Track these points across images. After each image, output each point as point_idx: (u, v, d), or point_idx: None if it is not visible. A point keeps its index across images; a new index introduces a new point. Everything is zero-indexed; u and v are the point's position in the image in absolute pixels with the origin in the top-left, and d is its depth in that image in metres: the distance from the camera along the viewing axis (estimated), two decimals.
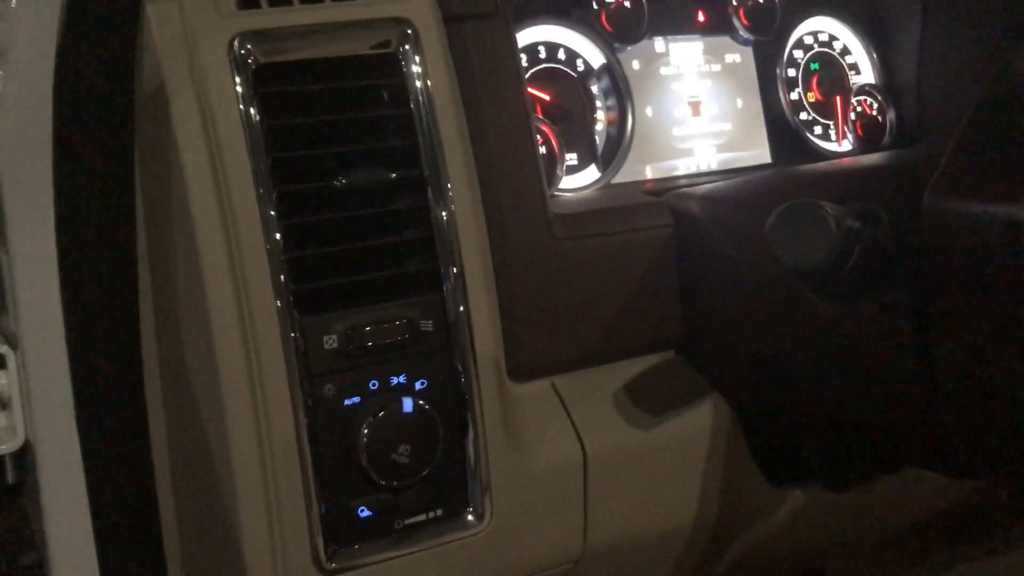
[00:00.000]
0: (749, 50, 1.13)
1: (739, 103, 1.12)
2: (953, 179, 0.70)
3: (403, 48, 0.78)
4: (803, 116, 1.15)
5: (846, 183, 0.91)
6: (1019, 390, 0.67)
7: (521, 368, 0.84)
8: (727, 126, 1.11)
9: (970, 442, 0.75)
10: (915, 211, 0.71)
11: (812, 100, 1.17)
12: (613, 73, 1.03)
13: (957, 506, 1.17)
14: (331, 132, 0.76)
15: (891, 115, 1.18)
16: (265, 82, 0.74)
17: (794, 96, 1.15)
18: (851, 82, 1.19)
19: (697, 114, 1.09)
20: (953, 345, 0.71)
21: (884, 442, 0.86)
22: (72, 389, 0.80)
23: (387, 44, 0.78)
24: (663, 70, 1.08)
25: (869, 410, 0.80)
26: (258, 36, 0.74)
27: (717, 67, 1.11)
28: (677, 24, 1.09)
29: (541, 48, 1.01)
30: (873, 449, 0.88)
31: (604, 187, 1.02)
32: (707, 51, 1.11)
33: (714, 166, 1.09)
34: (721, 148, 1.10)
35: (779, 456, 0.94)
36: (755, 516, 0.96)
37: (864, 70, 1.20)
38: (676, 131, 1.08)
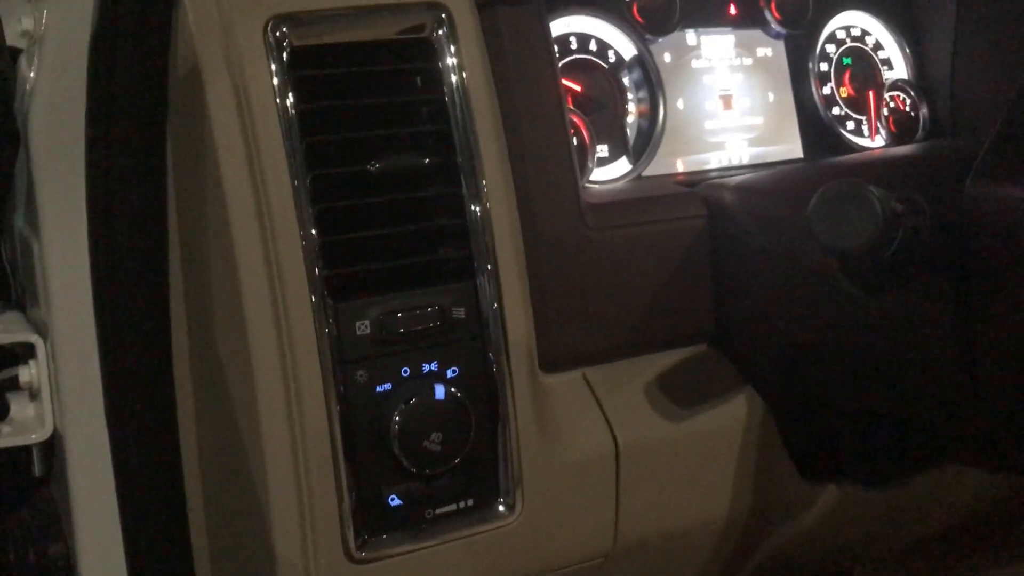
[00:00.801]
0: (781, 44, 1.12)
1: (771, 97, 1.11)
2: (996, 165, 0.70)
3: (437, 33, 0.78)
4: (835, 111, 1.14)
5: (882, 173, 0.91)
6: None
7: (553, 358, 0.84)
8: (759, 120, 1.10)
9: (1014, 433, 0.74)
10: (954, 199, 0.70)
11: (844, 95, 1.16)
12: (645, 65, 1.03)
13: (990, 510, 1.15)
14: (365, 117, 0.75)
15: (924, 110, 1.17)
16: (299, 66, 0.73)
17: (826, 91, 1.14)
18: (884, 77, 1.18)
19: (729, 107, 1.08)
20: (996, 332, 0.70)
21: (922, 436, 0.84)
22: (101, 379, 0.80)
23: (421, 28, 0.77)
24: (695, 63, 1.07)
25: (908, 402, 0.79)
26: (293, 19, 0.73)
27: (749, 60, 1.10)
28: (709, 17, 1.09)
29: (572, 39, 1.00)
30: (911, 443, 0.87)
31: (635, 179, 1.01)
32: (739, 44, 1.10)
33: (745, 160, 1.08)
34: (753, 142, 1.09)
35: (813, 450, 0.93)
36: (788, 511, 0.95)
37: (897, 65, 1.19)
38: (708, 124, 1.07)
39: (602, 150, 1.00)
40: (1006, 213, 0.66)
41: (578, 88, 1.00)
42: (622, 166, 1.01)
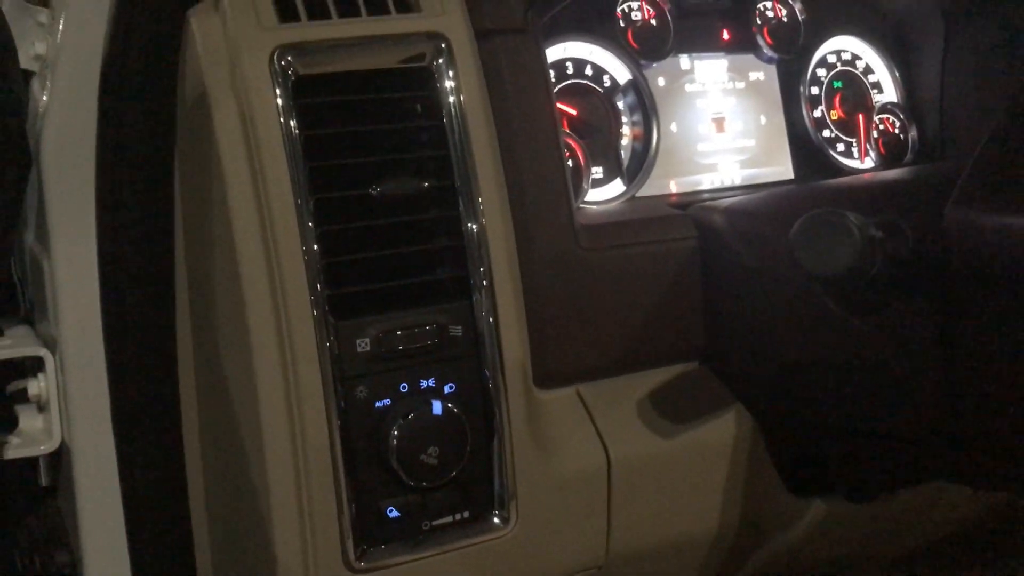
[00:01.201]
0: (773, 68, 1.14)
1: (763, 120, 1.13)
2: (974, 191, 0.72)
3: (437, 62, 0.80)
4: (826, 133, 1.16)
5: (868, 197, 0.93)
6: None
7: (547, 375, 0.86)
8: (751, 142, 1.12)
9: (993, 452, 0.75)
10: (936, 224, 0.72)
11: (835, 118, 1.18)
12: (639, 89, 1.05)
13: (974, 524, 1.17)
14: (366, 142, 0.78)
15: (913, 133, 1.18)
16: (304, 93, 0.76)
17: (817, 114, 1.16)
18: (874, 100, 1.20)
19: (721, 130, 1.10)
20: (974, 355, 0.72)
21: (906, 453, 0.86)
22: (108, 392, 0.81)
23: (422, 58, 0.80)
24: (688, 87, 1.09)
25: (891, 420, 0.81)
26: (298, 49, 0.76)
27: (741, 84, 1.12)
28: (702, 42, 1.11)
29: (569, 64, 1.02)
30: (895, 460, 0.89)
31: (629, 200, 1.03)
32: (731, 68, 1.12)
33: (737, 181, 1.10)
34: (744, 164, 1.11)
35: (801, 466, 0.95)
36: (776, 526, 0.97)
37: (887, 88, 1.21)
38: (700, 147, 1.09)
39: (597, 172, 1.02)
40: (982, 240, 0.68)
41: (574, 112, 1.02)
42: (616, 187, 1.03)
